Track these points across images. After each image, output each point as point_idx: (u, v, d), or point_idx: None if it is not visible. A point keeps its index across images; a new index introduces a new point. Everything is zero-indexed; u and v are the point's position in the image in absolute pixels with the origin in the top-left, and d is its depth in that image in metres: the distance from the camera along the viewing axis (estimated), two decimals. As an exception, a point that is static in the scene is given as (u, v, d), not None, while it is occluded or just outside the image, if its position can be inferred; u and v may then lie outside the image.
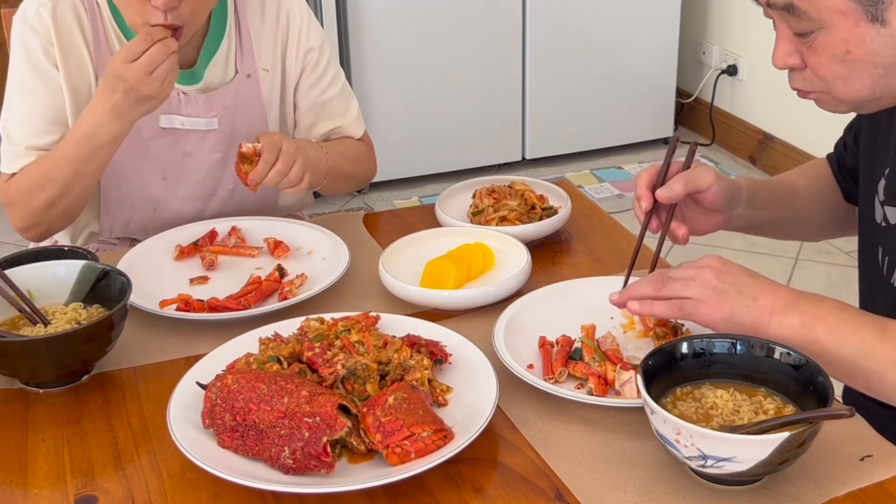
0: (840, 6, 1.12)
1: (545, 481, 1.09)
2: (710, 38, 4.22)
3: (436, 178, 3.90)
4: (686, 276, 1.20)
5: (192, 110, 1.67)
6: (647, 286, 1.23)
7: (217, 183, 1.74)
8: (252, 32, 1.70)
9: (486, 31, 3.77)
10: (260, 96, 1.72)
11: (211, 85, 1.69)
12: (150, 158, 1.68)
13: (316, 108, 1.78)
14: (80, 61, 1.62)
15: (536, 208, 1.65)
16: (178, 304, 1.43)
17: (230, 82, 1.69)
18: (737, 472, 1.01)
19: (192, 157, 1.70)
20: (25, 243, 1.78)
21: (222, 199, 1.76)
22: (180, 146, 1.69)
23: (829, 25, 1.14)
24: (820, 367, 1.07)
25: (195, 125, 1.67)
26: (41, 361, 1.25)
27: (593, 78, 4.01)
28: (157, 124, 1.66)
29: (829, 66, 1.17)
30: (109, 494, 1.10)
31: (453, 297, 1.42)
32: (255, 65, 1.71)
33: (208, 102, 1.67)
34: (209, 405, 1.13)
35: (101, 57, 1.62)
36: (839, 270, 3.24)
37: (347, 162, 1.78)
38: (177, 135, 1.68)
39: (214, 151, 1.70)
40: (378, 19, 3.61)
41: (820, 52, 1.17)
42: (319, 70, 1.77)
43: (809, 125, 3.68)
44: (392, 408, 1.10)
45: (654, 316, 1.23)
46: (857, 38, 1.13)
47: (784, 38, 1.20)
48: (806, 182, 1.52)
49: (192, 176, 1.71)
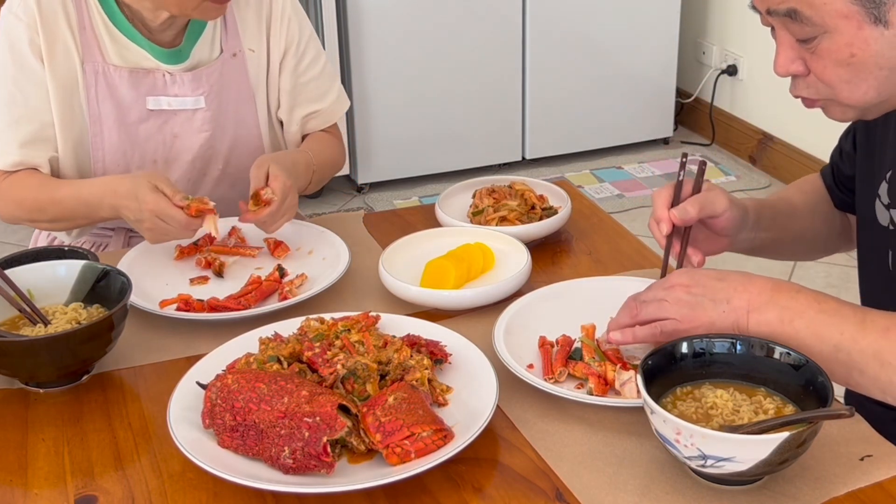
0: (843, 10, 1.11)
1: (545, 481, 1.09)
2: (710, 38, 4.22)
3: (436, 178, 3.90)
4: (658, 298, 1.19)
5: (178, 90, 1.67)
6: (624, 315, 1.22)
7: (207, 163, 1.75)
8: (237, 12, 1.71)
9: (487, 31, 3.77)
10: (247, 76, 1.73)
11: (197, 64, 1.70)
12: (140, 142, 1.69)
13: (296, 90, 1.79)
14: (65, 49, 1.62)
15: (536, 208, 1.65)
16: (178, 304, 1.43)
17: (215, 60, 1.70)
18: (737, 472, 1.01)
19: (181, 139, 1.71)
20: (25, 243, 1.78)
21: (213, 179, 1.77)
22: (168, 127, 1.69)
23: (832, 30, 1.13)
24: (820, 367, 1.07)
25: (182, 105, 1.68)
26: (41, 361, 1.25)
27: (593, 78, 4.01)
28: (144, 106, 1.67)
29: (834, 71, 1.16)
30: (109, 494, 1.10)
31: (453, 297, 1.42)
32: (241, 44, 1.72)
33: (194, 81, 1.68)
34: (209, 405, 1.13)
35: (87, 42, 1.63)
36: (839, 270, 3.24)
37: (328, 168, 1.82)
38: (164, 116, 1.69)
39: (203, 131, 1.71)
40: (378, 19, 3.61)
41: (824, 57, 1.15)
42: (300, 51, 1.78)
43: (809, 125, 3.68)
44: (392, 408, 1.10)
45: (637, 343, 1.21)
46: (860, 40, 1.13)
47: (785, 45, 1.19)
48: (803, 197, 1.51)
49: (182, 157, 1.72)
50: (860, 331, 1.10)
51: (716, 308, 1.15)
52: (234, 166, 1.76)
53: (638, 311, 1.20)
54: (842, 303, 1.14)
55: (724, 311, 1.14)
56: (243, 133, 1.75)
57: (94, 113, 1.65)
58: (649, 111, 4.16)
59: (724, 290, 1.16)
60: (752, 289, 1.15)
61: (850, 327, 1.11)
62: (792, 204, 1.50)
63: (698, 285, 1.17)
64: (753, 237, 1.41)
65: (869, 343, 1.09)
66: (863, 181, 1.37)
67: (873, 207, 1.33)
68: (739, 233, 1.38)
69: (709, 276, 1.18)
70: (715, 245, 1.38)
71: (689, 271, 1.20)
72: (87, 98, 1.64)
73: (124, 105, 1.66)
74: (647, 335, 1.19)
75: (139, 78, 1.65)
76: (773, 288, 1.15)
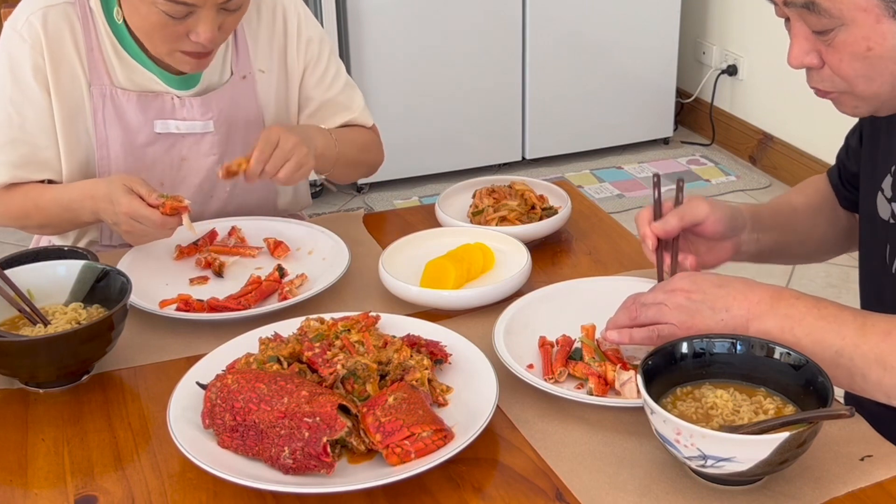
0: (862, 3, 1.10)
1: (545, 481, 1.09)
2: (710, 38, 4.22)
3: (436, 178, 3.90)
4: (658, 301, 1.18)
5: (186, 113, 1.66)
6: (622, 315, 1.22)
7: (213, 186, 1.73)
8: (248, 34, 1.70)
9: (487, 31, 3.77)
10: (256, 97, 1.72)
11: (207, 88, 1.68)
12: (146, 165, 1.67)
13: (326, 104, 1.79)
14: (71, 71, 1.60)
15: (536, 208, 1.65)
16: (178, 304, 1.43)
17: (225, 84, 1.69)
18: (737, 472, 1.01)
19: (189, 162, 1.69)
20: (25, 243, 1.79)
21: (220, 201, 1.76)
22: (176, 150, 1.68)
23: (849, 22, 1.12)
24: (820, 367, 1.07)
25: (191, 128, 1.67)
26: (41, 361, 1.25)
27: (593, 78, 4.01)
28: (152, 130, 1.65)
29: (850, 64, 1.15)
30: (109, 494, 1.10)
31: (453, 297, 1.42)
32: (251, 66, 1.71)
33: (203, 105, 1.67)
34: (209, 405, 1.13)
35: (94, 64, 1.61)
36: (839, 270, 3.24)
37: (356, 149, 1.78)
38: (172, 139, 1.67)
39: (211, 154, 1.70)
40: (378, 19, 3.61)
41: (840, 50, 1.14)
42: (323, 65, 1.77)
43: (809, 125, 3.68)
44: (392, 408, 1.10)
45: (634, 344, 1.21)
46: (878, 34, 1.11)
47: (800, 37, 1.17)
48: (804, 198, 1.51)
49: (189, 181, 1.71)
50: (861, 335, 1.10)
51: (714, 316, 1.15)
52: (242, 188, 1.74)
53: (637, 313, 1.20)
54: (841, 307, 1.13)
55: (723, 319, 1.14)
56: None
57: (101, 136, 1.63)
58: (649, 111, 4.16)
59: (723, 297, 1.15)
60: (751, 297, 1.15)
61: (850, 332, 1.10)
62: (792, 205, 1.49)
63: (699, 291, 1.17)
64: (757, 238, 1.40)
65: (870, 347, 1.09)
66: (867, 175, 1.36)
67: (875, 201, 1.32)
68: (737, 234, 1.37)
69: (710, 283, 1.17)
70: (718, 253, 1.37)
71: (692, 275, 1.20)
72: (95, 121, 1.63)
73: (132, 128, 1.64)
74: (645, 338, 1.19)
75: (147, 101, 1.64)
76: (772, 296, 1.15)
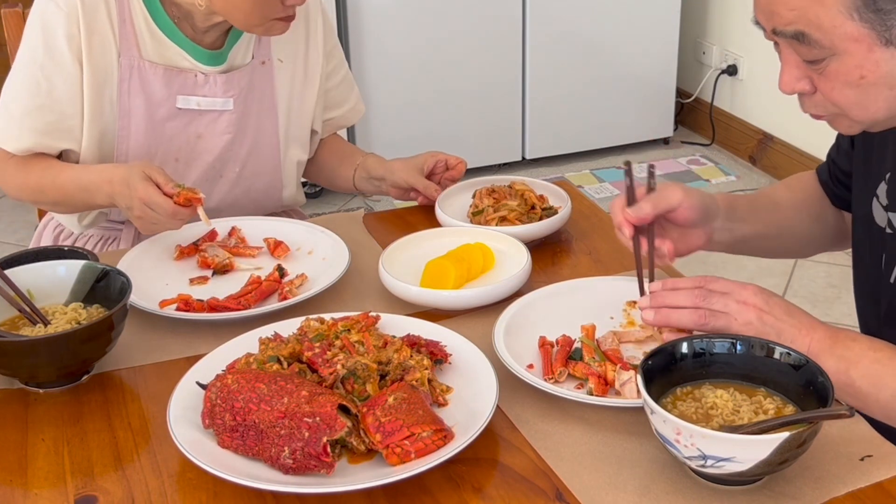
0: (853, 32, 1.09)
1: (545, 481, 1.09)
2: (710, 38, 4.22)
3: (436, 178, 3.89)
4: (728, 310, 1.18)
5: (208, 90, 1.69)
6: (686, 298, 1.20)
7: (224, 165, 1.76)
8: None
9: (487, 30, 3.77)
10: (273, 84, 1.76)
11: (231, 67, 1.72)
12: (164, 140, 1.70)
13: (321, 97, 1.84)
14: (103, 41, 1.63)
15: (536, 208, 1.65)
16: (178, 304, 1.43)
17: (246, 66, 1.73)
18: (737, 472, 1.01)
19: (204, 140, 1.72)
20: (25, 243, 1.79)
21: (229, 182, 1.78)
22: (193, 127, 1.71)
23: (841, 52, 1.11)
24: (820, 367, 1.07)
25: (212, 105, 1.70)
26: (41, 361, 1.25)
27: (593, 78, 4.01)
28: (174, 104, 1.68)
29: (842, 92, 1.14)
30: (109, 494, 1.10)
31: (453, 297, 1.42)
32: (271, 53, 1.75)
33: (227, 83, 1.70)
34: (209, 405, 1.13)
35: (126, 36, 1.64)
36: (839, 270, 3.24)
37: None
38: (190, 116, 1.70)
39: (226, 133, 1.73)
40: (378, 19, 3.61)
41: (832, 79, 1.14)
42: (333, 62, 1.84)
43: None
44: (392, 408, 1.10)
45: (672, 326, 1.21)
46: (871, 63, 1.11)
47: (791, 64, 1.17)
48: (789, 193, 1.50)
49: (203, 158, 1.74)
50: None
51: None
52: (250, 170, 1.78)
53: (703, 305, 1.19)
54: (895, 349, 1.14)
55: None
56: (262, 140, 1.77)
57: (124, 106, 1.66)
58: (649, 111, 4.16)
59: (791, 328, 1.16)
60: (814, 335, 1.16)
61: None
62: (774, 199, 1.49)
63: (771, 314, 1.17)
64: (731, 228, 1.40)
65: None
66: (860, 179, 1.36)
67: (870, 207, 1.32)
68: (710, 222, 1.36)
69: (782, 309, 1.18)
70: (690, 241, 1.37)
71: (765, 293, 1.20)
72: (120, 91, 1.65)
73: (154, 101, 1.67)
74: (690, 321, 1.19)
75: (172, 76, 1.67)
76: (831, 336, 1.16)
